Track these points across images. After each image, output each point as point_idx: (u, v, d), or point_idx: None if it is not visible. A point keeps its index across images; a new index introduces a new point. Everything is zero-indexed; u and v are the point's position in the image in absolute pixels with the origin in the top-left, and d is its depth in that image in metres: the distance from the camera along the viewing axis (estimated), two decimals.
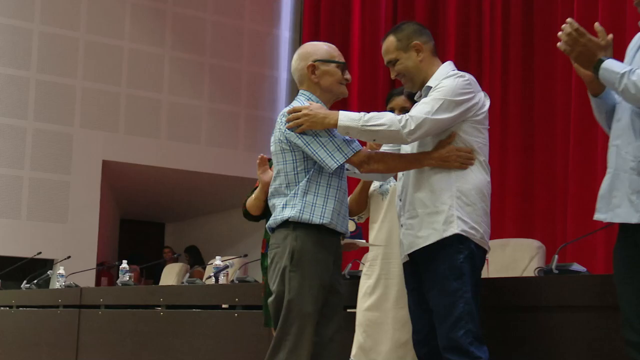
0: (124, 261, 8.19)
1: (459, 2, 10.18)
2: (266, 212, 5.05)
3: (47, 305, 8.41)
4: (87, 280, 10.17)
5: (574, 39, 3.22)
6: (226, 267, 6.96)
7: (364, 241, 4.20)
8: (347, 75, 3.96)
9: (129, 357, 7.09)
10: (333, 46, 4.01)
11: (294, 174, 3.82)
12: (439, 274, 3.71)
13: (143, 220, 15.62)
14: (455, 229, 3.70)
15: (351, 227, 4.11)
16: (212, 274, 6.97)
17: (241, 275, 7.30)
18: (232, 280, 6.73)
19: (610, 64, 3.21)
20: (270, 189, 3.95)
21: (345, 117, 3.67)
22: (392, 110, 4.40)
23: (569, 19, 3.26)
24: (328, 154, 3.73)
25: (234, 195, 11.13)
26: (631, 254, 3.27)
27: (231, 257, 7.75)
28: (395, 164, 3.86)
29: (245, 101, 13.18)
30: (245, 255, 7.84)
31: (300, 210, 3.75)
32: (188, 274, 8.71)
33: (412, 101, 4.32)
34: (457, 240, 3.71)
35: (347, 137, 3.78)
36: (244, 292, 6.11)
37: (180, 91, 12.69)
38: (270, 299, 3.86)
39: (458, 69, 3.90)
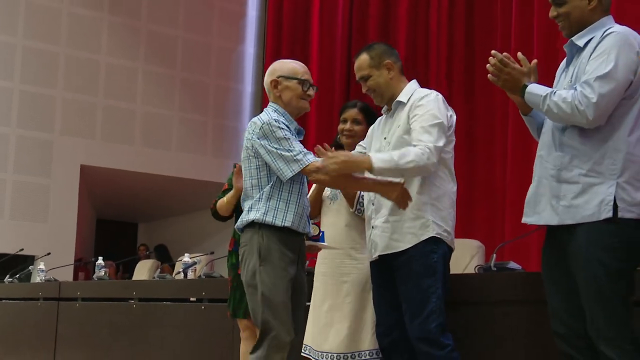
0: (100, 258, 8.15)
1: (408, 27, 10.24)
2: (233, 214, 5.07)
3: (28, 298, 8.34)
4: (66, 275, 10.12)
5: (499, 69, 3.31)
6: (194, 263, 6.94)
7: (325, 243, 4.18)
8: (310, 92, 3.96)
9: (104, 346, 7.05)
10: (300, 64, 4.02)
11: (258, 178, 3.83)
12: (414, 272, 3.71)
13: (117, 220, 15.54)
14: (431, 232, 3.72)
15: (315, 230, 4.13)
16: (181, 269, 6.95)
17: (208, 271, 7.28)
18: (200, 276, 6.71)
19: (533, 88, 3.28)
20: (243, 192, 3.97)
21: (378, 160, 3.57)
22: (344, 121, 4.44)
23: (493, 51, 3.34)
24: (286, 164, 3.73)
25: (202, 198, 11.10)
26: (555, 254, 3.33)
27: (199, 255, 7.72)
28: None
29: (212, 111, 13.17)
30: (212, 253, 7.82)
31: (264, 213, 3.77)
32: (159, 270, 8.67)
33: (364, 113, 4.37)
34: (432, 242, 3.72)
35: (304, 149, 3.78)
36: (211, 287, 6.10)
37: (152, 102, 12.65)
38: (247, 293, 3.88)
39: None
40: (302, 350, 4.51)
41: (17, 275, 9.13)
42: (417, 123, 3.72)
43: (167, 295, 6.61)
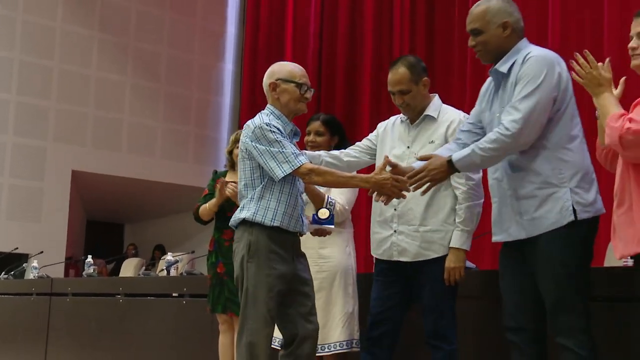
0: (89, 256, 8.09)
1: (373, 45, 10.27)
2: (213, 218, 5.03)
3: (22, 293, 8.25)
4: (57, 272, 10.03)
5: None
6: (176, 261, 6.92)
7: (333, 227, 4.00)
8: (307, 95, 3.79)
9: (92, 337, 7.00)
10: (299, 67, 3.86)
11: (252, 179, 3.71)
12: (436, 277, 3.71)
13: (106, 221, 15.43)
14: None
15: (324, 214, 3.96)
16: (165, 267, 6.92)
17: (189, 268, 7.26)
18: (181, 273, 6.69)
19: (457, 156, 3.25)
20: (238, 192, 3.85)
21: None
22: (308, 133, 4.44)
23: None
24: (277, 165, 3.61)
25: (184, 201, 11.07)
26: (512, 262, 3.34)
27: (181, 254, 7.70)
28: (332, 179, 3.69)
29: (194, 122, 13.14)
30: (193, 252, 7.80)
31: (255, 212, 3.64)
32: (144, 267, 8.63)
33: (326, 125, 4.38)
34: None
35: (296, 150, 3.66)
36: (191, 283, 6.08)
37: (139, 112, 12.60)
38: (237, 286, 3.76)
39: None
40: (273, 343, 4.49)
41: (12, 272, 9.04)
42: None
43: (151, 291, 6.57)
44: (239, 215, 3.71)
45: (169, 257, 7.02)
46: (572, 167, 3.20)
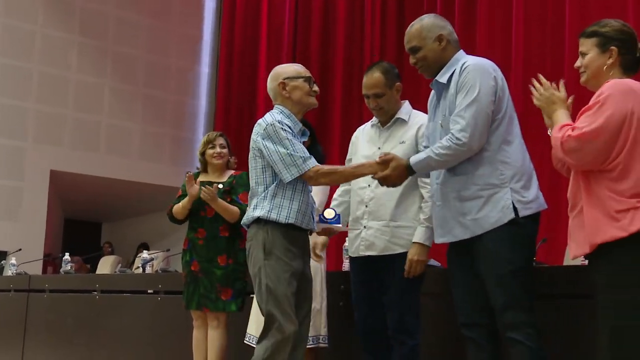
0: (67, 253, 8.05)
1: (345, 51, 10.30)
2: (187, 217, 5.02)
3: (0, 289, 8.19)
4: (35, 269, 9.96)
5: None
6: (152, 259, 6.91)
7: (340, 226, 3.96)
8: (315, 87, 3.79)
9: (69, 333, 6.97)
10: (299, 64, 3.88)
11: (264, 177, 3.65)
12: (400, 273, 3.73)
13: (83, 220, 15.32)
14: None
15: (330, 214, 3.94)
16: (140, 265, 6.90)
17: (164, 266, 7.25)
18: (157, 271, 6.68)
19: (415, 160, 3.34)
20: (250, 190, 3.77)
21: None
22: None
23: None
24: (285, 167, 3.56)
25: (160, 201, 10.99)
26: (460, 262, 3.40)
27: (156, 252, 7.69)
28: (338, 177, 3.70)
29: (170, 124, 13.09)
30: (168, 250, 7.78)
31: (269, 210, 3.58)
32: (120, 265, 8.60)
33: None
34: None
35: (305, 153, 3.61)
36: (166, 280, 6.07)
37: (116, 114, 12.53)
38: (254, 284, 3.68)
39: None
40: (246, 339, 4.49)
41: None
42: None
43: (127, 287, 6.56)
44: (252, 213, 3.65)
45: (145, 255, 7.02)
46: (512, 168, 3.29)
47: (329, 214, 3.90)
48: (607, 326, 2.80)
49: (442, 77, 3.42)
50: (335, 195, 4.15)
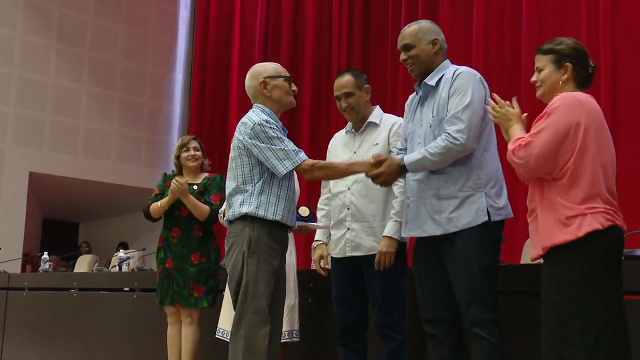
0: (45, 253, 7.98)
1: (313, 59, 10.32)
2: (162, 216, 5.01)
3: None
4: (14, 267, 9.87)
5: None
6: (128, 258, 6.88)
7: (315, 224, 3.94)
8: (294, 87, 3.75)
9: (48, 329, 6.92)
10: (278, 64, 3.82)
11: (251, 175, 3.56)
12: (386, 271, 3.71)
13: (61, 220, 15.22)
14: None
15: (305, 212, 3.91)
16: (117, 263, 6.86)
17: (140, 264, 7.21)
18: (133, 269, 6.65)
19: (409, 159, 3.32)
20: (229, 190, 3.66)
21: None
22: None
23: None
24: (279, 162, 3.50)
25: (136, 201, 10.96)
26: (426, 257, 3.41)
27: (132, 251, 7.64)
28: (333, 172, 3.64)
29: (146, 128, 13.03)
30: (144, 249, 7.74)
31: (257, 207, 3.50)
32: (97, 264, 8.53)
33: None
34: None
35: (296, 147, 3.56)
36: (142, 278, 6.05)
37: (94, 118, 12.44)
38: (229, 280, 3.62)
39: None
40: (217, 334, 4.49)
41: None
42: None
43: (104, 285, 6.52)
44: (239, 209, 3.56)
45: (121, 254, 6.98)
46: (488, 174, 3.33)
47: (304, 211, 3.88)
48: (548, 321, 2.85)
49: (431, 80, 3.44)
50: (320, 205, 4.11)
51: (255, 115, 3.62)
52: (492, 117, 3.16)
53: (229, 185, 3.68)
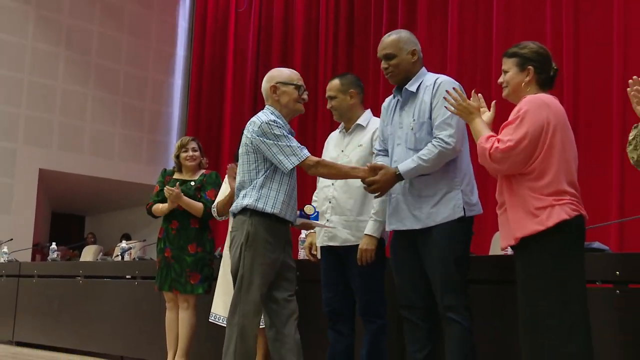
0: (54, 243, 7.93)
1: (302, 64, 10.30)
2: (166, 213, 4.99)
3: None
4: (25, 257, 9.80)
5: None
6: (130, 248, 6.83)
7: (318, 222, 3.84)
8: (304, 95, 3.67)
9: (55, 314, 6.87)
10: (295, 72, 3.71)
11: (256, 170, 3.49)
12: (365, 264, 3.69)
13: (69, 213, 15.12)
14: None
15: (310, 210, 3.87)
16: (120, 253, 6.82)
17: (141, 254, 7.19)
18: (134, 258, 6.61)
19: (404, 167, 3.27)
20: (237, 184, 3.62)
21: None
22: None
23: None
24: (285, 157, 3.43)
25: (138, 196, 10.99)
26: (404, 249, 3.41)
27: (134, 241, 7.60)
28: (335, 171, 3.52)
29: (147, 129, 12.98)
30: (144, 240, 7.72)
31: (256, 199, 3.44)
32: (101, 253, 8.48)
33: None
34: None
35: (300, 145, 3.48)
36: (142, 267, 6.02)
37: (99, 120, 12.39)
38: (231, 270, 3.56)
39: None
40: (210, 318, 4.46)
41: None
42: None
43: (108, 273, 6.48)
44: (241, 202, 3.51)
45: (124, 244, 6.94)
46: (462, 173, 3.34)
47: (309, 210, 3.82)
48: (525, 308, 2.84)
49: (412, 86, 3.42)
50: (315, 197, 4.06)
51: (264, 115, 3.56)
52: (453, 110, 3.14)
53: (237, 179, 3.64)
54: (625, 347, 3.17)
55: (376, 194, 3.36)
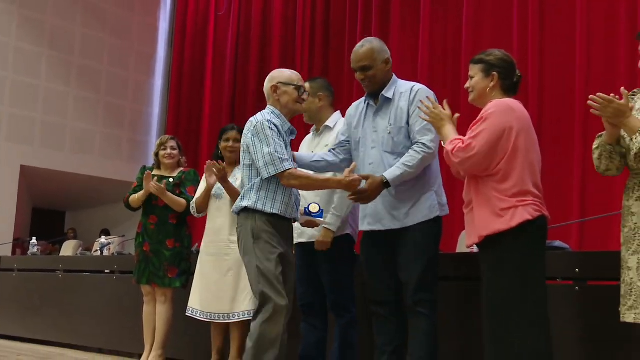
0: (34, 238, 7.84)
1: (280, 64, 10.29)
2: (141, 206, 4.95)
3: None
4: (6, 251, 9.70)
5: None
6: (109, 243, 6.80)
7: (322, 219, 3.77)
8: (304, 96, 3.58)
9: (35, 307, 6.80)
10: (295, 73, 3.62)
11: (250, 171, 3.43)
12: (334, 257, 3.74)
13: (49, 209, 14.95)
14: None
15: (315, 208, 3.84)
16: (99, 248, 6.78)
17: (120, 249, 7.14)
18: (113, 253, 6.57)
19: (391, 175, 3.27)
20: (239, 181, 3.59)
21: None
22: (227, 140, 4.42)
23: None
24: (265, 165, 3.33)
25: (117, 193, 10.80)
26: (377, 247, 3.44)
27: (113, 237, 7.55)
28: (308, 182, 3.43)
29: (127, 127, 12.89)
30: (123, 236, 7.67)
31: (255, 201, 3.36)
32: (81, 248, 8.41)
33: (241, 134, 4.21)
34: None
35: (284, 155, 3.36)
36: (121, 262, 5.99)
37: (81, 118, 12.26)
38: (245, 266, 3.46)
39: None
40: (187, 312, 4.44)
41: None
42: None
43: (87, 268, 6.43)
44: (240, 203, 3.44)
45: (103, 239, 6.90)
46: (434, 175, 3.42)
47: (313, 208, 3.79)
48: (488, 303, 2.87)
49: (388, 93, 3.45)
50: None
51: (262, 115, 3.50)
52: (424, 117, 3.16)
53: (240, 177, 3.63)
54: (584, 341, 3.22)
55: (363, 202, 3.34)
